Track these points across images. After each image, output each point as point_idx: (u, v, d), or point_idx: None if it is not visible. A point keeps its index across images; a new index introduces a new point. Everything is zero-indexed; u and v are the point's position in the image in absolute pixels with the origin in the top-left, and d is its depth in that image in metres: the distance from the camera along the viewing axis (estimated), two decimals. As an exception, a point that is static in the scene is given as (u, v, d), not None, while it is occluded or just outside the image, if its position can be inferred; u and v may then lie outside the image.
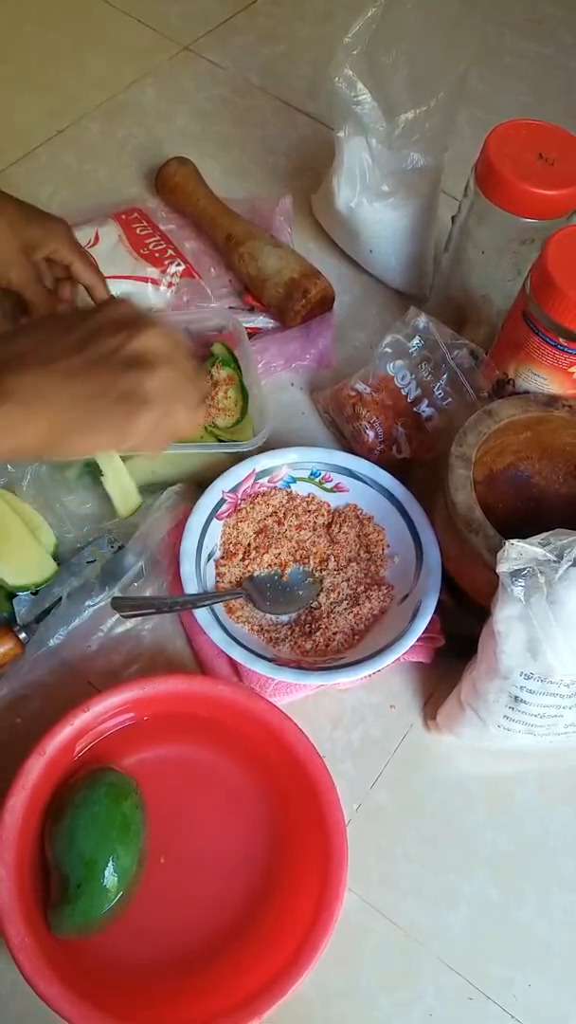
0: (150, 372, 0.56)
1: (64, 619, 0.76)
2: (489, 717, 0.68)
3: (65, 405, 0.53)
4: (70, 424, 0.54)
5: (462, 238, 0.88)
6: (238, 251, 0.96)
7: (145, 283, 0.95)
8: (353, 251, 1.03)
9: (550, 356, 0.75)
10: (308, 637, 0.78)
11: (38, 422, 0.53)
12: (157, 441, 0.58)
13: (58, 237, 0.79)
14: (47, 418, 0.53)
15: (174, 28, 1.27)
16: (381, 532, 0.82)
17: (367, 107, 0.86)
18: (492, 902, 0.71)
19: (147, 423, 0.56)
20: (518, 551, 0.61)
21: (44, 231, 0.78)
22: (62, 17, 1.26)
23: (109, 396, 0.54)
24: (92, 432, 0.55)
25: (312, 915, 0.64)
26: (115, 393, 0.55)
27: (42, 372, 0.53)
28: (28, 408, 0.52)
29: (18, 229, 0.77)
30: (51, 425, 0.53)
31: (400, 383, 0.85)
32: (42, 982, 0.60)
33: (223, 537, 0.81)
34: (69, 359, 0.54)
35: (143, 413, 0.55)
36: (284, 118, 1.18)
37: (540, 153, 0.80)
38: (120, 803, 0.65)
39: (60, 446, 0.54)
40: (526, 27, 1.34)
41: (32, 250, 0.78)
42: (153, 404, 0.56)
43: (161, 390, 0.56)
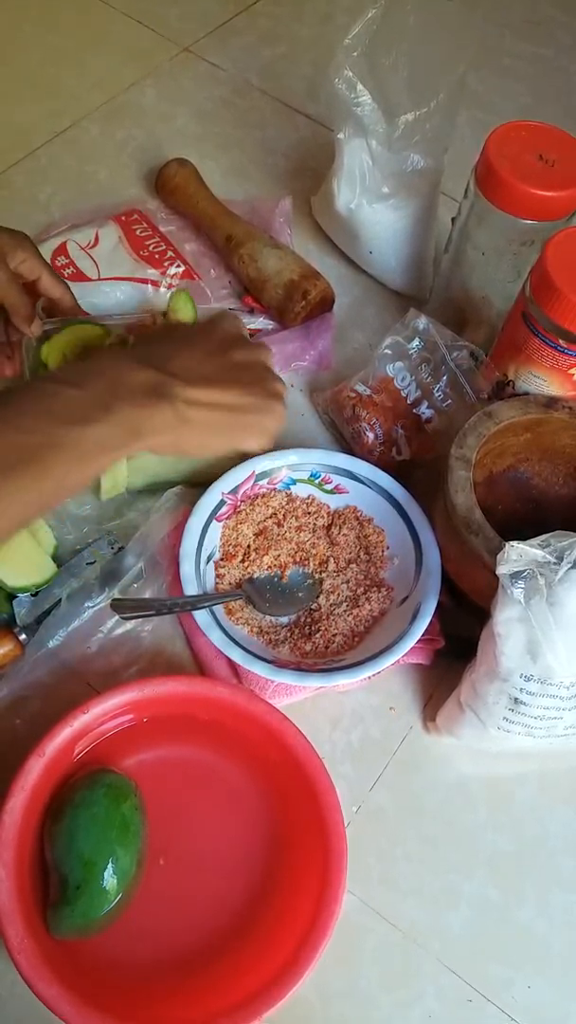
0: (276, 378, 0.66)
1: (64, 620, 0.76)
2: (489, 719, 0.68)
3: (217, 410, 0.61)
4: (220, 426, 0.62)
5: (462, 239, 0.88)
6: (238, 252, 0.96)
7: (145, 284, 0.95)
8: (353, 252, 1.03)
9: (550, 358, 0.75)
10: (308, 639, 0.78)
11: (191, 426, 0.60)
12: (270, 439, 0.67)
13: (26, 247, 0.79)
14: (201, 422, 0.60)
15: (174, 29, 1.27)
16: (381, 534, 0.82)
17: (367, 108, 0.86)
18: (492, 903, 0.71)
19: (279, 417, 0.65)
20: (518, 553, 0.61)
21: (12, 239, 0.78)
22: (62, 18, 1.26)
23: (255, 397, 0.63)
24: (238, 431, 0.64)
25: (311, 916, 0.64)
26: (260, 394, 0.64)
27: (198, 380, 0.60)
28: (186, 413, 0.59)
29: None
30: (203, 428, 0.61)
31: (400, 384, 0.85)
32: (41, 983, 0.60)
33: (223, 539, 0.81)
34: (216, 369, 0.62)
35: (279, 408, 0.65)
36: (284, 119, 1.18)
37: (540, 154, 0.80)
38: (119, 804, 0.65)
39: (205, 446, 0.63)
40: (525, 29, 1.34)
41: (3, 257, 0.77)
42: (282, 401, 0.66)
43: (284, 391, 0.66)
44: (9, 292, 0.78)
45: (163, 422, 0.58)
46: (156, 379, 0.58)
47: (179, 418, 0.59)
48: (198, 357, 0.62)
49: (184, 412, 0.59)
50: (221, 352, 0.64)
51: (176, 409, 0.58)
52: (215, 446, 0.64)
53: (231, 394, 0.62)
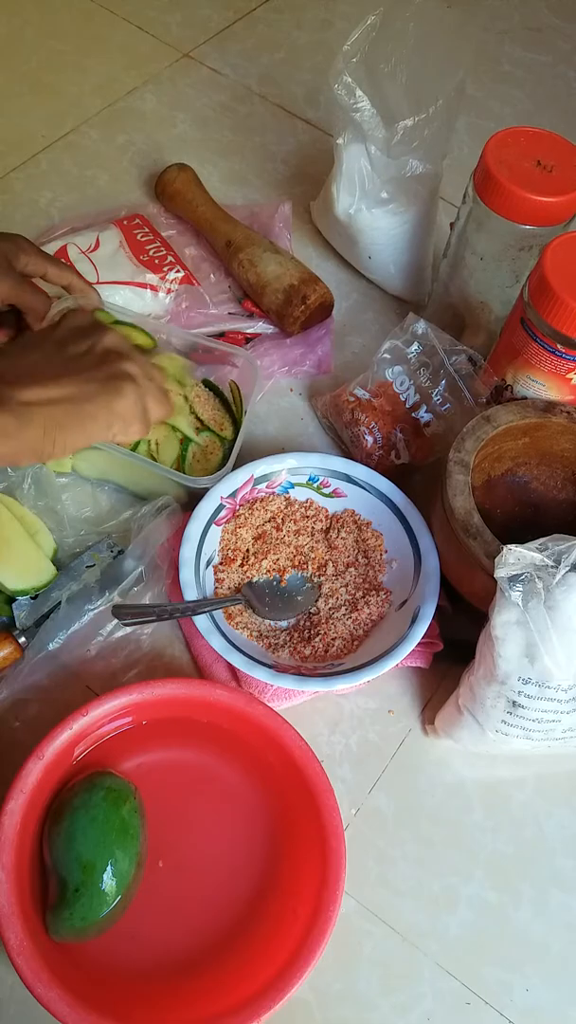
0: (123, 359, 0.63)
1: (63, 623, 0.76)
2: (487, 722, 0.69)
3: (58, 404, 0.59)
4: (66, 418, 0.60)
5: (460, 245, 0.88)
6: (237, 257, 0.97)
7: (144, 289, 0.96)
8: (352, 257, 1.03)
9: (548, 362, 0.75)
10: (307, 643, 0.78)
11: (33, 426, 0.58)
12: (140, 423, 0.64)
13: (26, 247, 0.79)
14: (41, 420, 0.58)
15: (174, 35, 1.27)
16: (379, 537, 0.83)
17: (366, 114, 0.87)
18: (490, 905, 0.71)
19: (131, 399, 0.63)
20: (516, 556, 0.61)
21: (12, 243, 0.78)
22: (63, 24, 1.27)
23: (93, 383, 0.61)
24: (87, 420, 0.61)
25: (310, 918, 0.64)
26: (99, 379, 0.61)
27: (31, 380, 0.59)
28: (22, 414, 0.58)
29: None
30: (49, 424, 0.59)
31: (399, 389, 0.86)
32: (40, 985, 0.60)
33: (222, 543, 0.81)
34: (50, 365, 0.61)
35: (126, 391, 0.62)
36: (283, 125, 1.19)
37: (538, 160, 0.81)
38: (119, 807, 0.65)
39: (61, 442, 0.60)
40: (524, 35, 1.35)
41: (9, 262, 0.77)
42: (133, 381, 0.63)
43: (136, 371, 0.64)
44: (23, 294, 0.78)
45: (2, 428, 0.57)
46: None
47: (18, 421, 0.57)
48: (34, 358, 0.61)
49: (22, 414, 0.57)
50: (59, 347, 0.63)
51: (13, 413, 0.57)
52: (70, 441, 0.60)
53: (66, 386, 0.60)
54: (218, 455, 0.85)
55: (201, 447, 0.85)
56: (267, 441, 0.92)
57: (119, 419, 0.62)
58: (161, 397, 0.66)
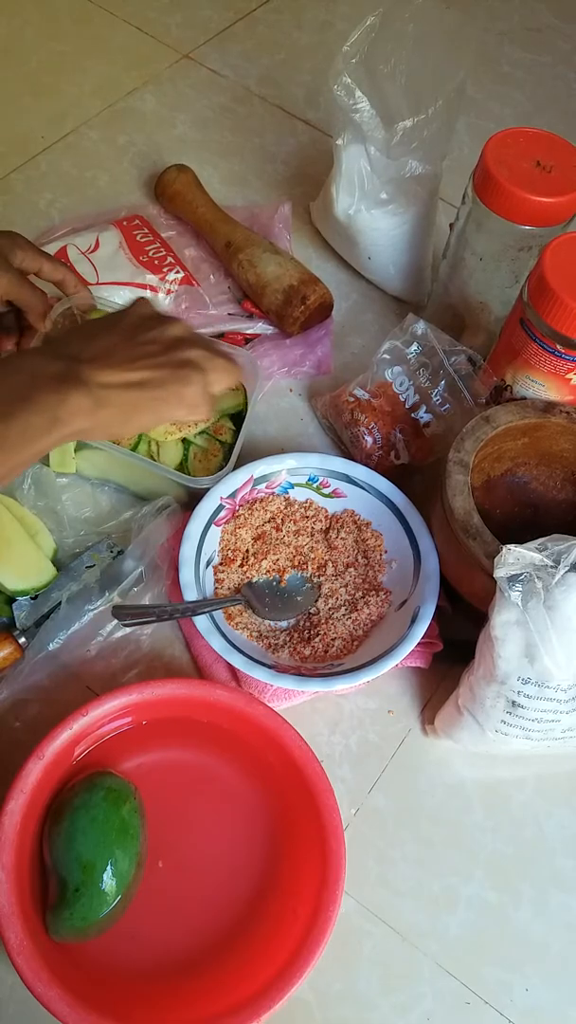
0: (191, 346, 0.66)
1: (63, 624, 0.76)
2: (487, 722, 0.69)
3: (132, 388, 0.62)
4: (138, 403, 0.63)
5: (460, 245, 0.88)
6: (237, 258, 0.97)
7: (144, 290, 0.96)
8: (351, 258, 1.03)
9: (547, 363, 0.75)
10: (307, 643, 0.78)
11: (110, 407, 0.61)
12: (205, 405, 0.67)
13: (21, 243, 0.79)
14: (118, 402, 0.61)
15: (174, 36, 1.27)
16: (379, 537, 0.83)
17: (366, 115, 0.87)
18: (490, 905, 0.71)
19: (198, 385, 0.65)
20: (515, 556, 0.61)
21: (7, 239, 0.79)
22: (63, 25, 1.27)
23: (164, 370, 0.64)
24: (158, 404, 0.64)
25: (310, 918, 0.65)
26: (169, 367, 0.64)
27: (108, 363, 0.62)
28: (101, 395, 0.60)
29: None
30: (124, 406, 0.62)
31: (398, 389, 0.86)
32: (40, 985, 0.60)
33: (221, 543, 0.82)
34: (125, 350, 0.64)
35: (194, 376, 0.65)
36: (283, 126, 1.19)
37: (537, 161, 0.81)
38: (118, 807, 0.65)
39: (133, 422, 0.63)
40: (524, 36, 1.35)
41: (5, 258, 0.78)
42: (200, 368, 0.66)
43: (202, 357, 0.66)
44: (21, 291, 0.78)
45: (79, 407, 0.59)
46: (68, 368, 0.60)
47: (96, 402, 0.60)
48: (108, 343, 0.64)
49: (99, 395, 0.60)
50: (130, 334, 0.65)
51: (91, 393, 0.60)
52: (140, 423, 0.64)
53: (140, 371, 0.63)
54: (219, 456, 0.86)
55: (202, 448, 0.85)
56: (267, 441, 0.92)
57: (187, 403, 0.66)
58: (226, 371, 0.68)
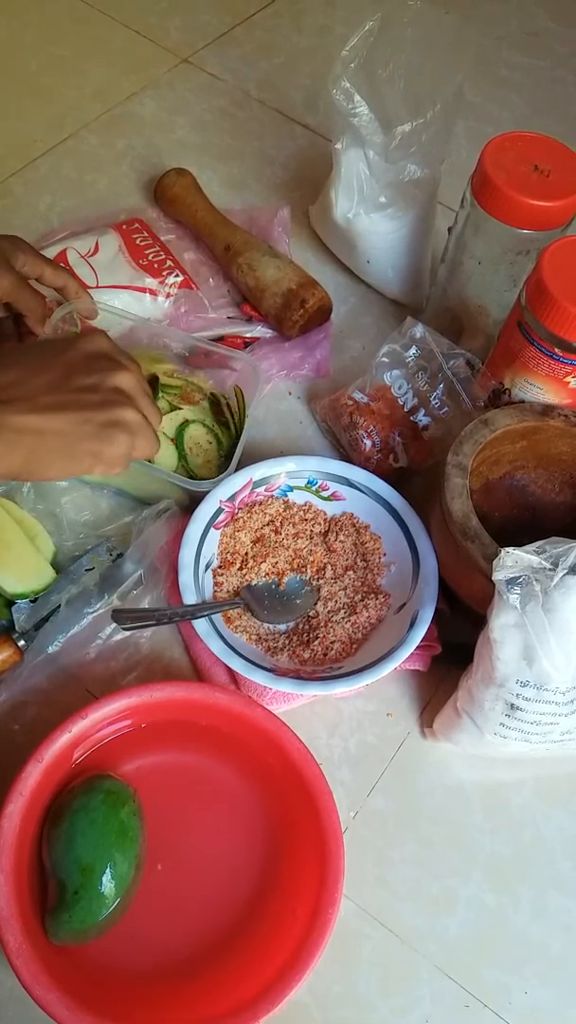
0: (125, 406, 0.61)
1: (63, 626, 0.76)
2: (485, 724, 0.69)
3: (48, 436, 0.58)
4: (50, 453, 0.59)
5: (458, 249, 0.88)
6: (236, 261, 0.97)
7: (143, 293, 0.96)
8: (350, 261, 1.03)
9: (545, 366, 0.76)
10: (306, 646, 0.78)
11: (19, 451, 0.57)
12: (122, 467, 0.63)
13: (23, 247, 0.80)
14: (28, 448, 0.57)
15: (173, 40, 1.28)
16: (378, 540, 0.83)
17: (364, 119, 0.87)
18: (489, 908, 0.71)
19: (121, 450, 0.61)
20: (514, 559, 0.61)
21: (9, 243, 0.79)
22: (63, 29, 1.27)
23: (90, 425, 0.59)
24: (70, 459, 0.60)
25: (309, 921, 0.65)
26: (96, 423, 0.60)
27: (27, 407, 0.58)
28: (12, 440, 0.57)
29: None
30: (31, 454, 0.58)
31: (397, 392, 0.86)
32: (39, 988, 0.60)
33: (220, 546, 0.82)
34: (53, 395, 0.59)
35: (119, 441, 0.61)
36: (282, 130, 1.19)
37: (536, 165, 0.81)
38: (118, 810, 0.65)
39: (37, 472, 0.59)
40: (522, 40, 1.35)
41: (7, 261, 0.78)
42: (127, 433, 0.62)
43: (136, 423, 0.62)
44: (22, 295, 0.78)
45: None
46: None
47: (3, 445, 0.56)
48: (40, 381, 0.59)
49: (8, 439, 0.56)
50: (66, 374, 0.60)
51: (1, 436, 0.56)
52: (48, 474, 0.60)
53: (64, 421, 0.58)
54: (217, 459, 0.86)
55: (203, 448, 0.85)
56: (266, 444, 0.92)
57: (104, 463, 0.62)
58: (151, 441, 0.64)
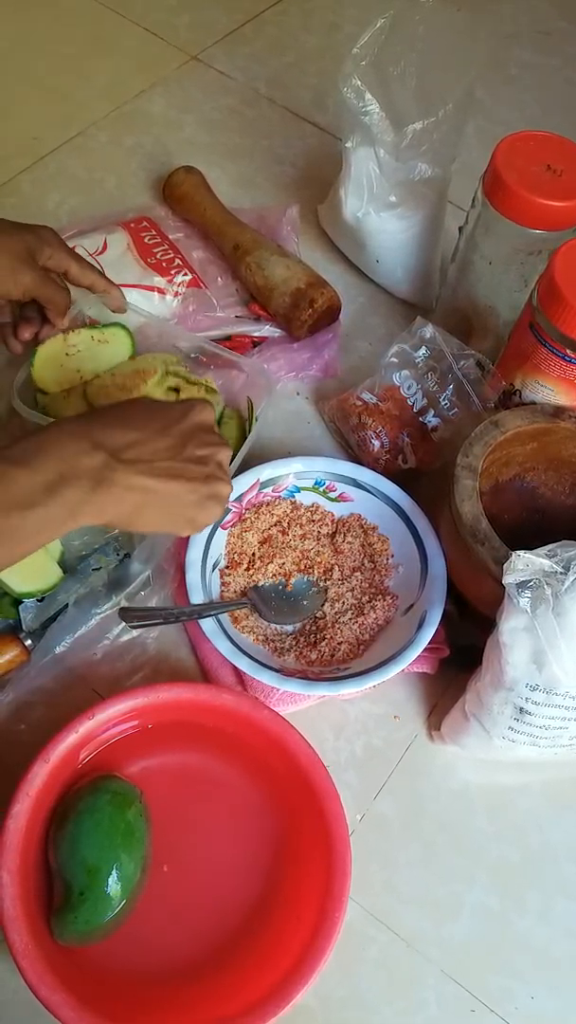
0: (224, 483, 0.65)
1: (70, 627, 0.76)
2: (493, 728, 0.68)
3: (156, 498, 0.61)
4: (154, 512, 0.62)
5: (469, 249, 0.88)
6: (245, 260, 0.97)
7: (151, 292, 0.96)
8: (359, 261, 1.03)
9: (557, 367, 0.75)
10: (313, 647, 0.78)
11: (126, 507, 0.60)
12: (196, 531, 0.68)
13: (51, 241, 0.79)
14: (135, 504, 0.60)
15: (182, 38, 1.27)
16: (386, 542, 0.82)
17: (375, 117, 0.87)
18: (495, 912, 0.71)
19: (211, 520, 0.66)
20: (525, 562, 0.61)
21: (37, 237, 0.79)
22: (72, 27, 1.27)
23: (195, 495, 0.63)
24: (168, 520, 0.63)
25: (315, 923, 0.64)
26: (200, 494, 0.63)
27: (145, 469, 0.60)
28: (123, 496, 0.59)
29: (15, 235, 0.77)
30: (135, 510, 0.60)
31: (406, 393, 0.85)
32: (44, 988, 0.60)
33: (228, 547, 0.81)
34: (169, 461, 0.62)
35: (213, 513, 0.65)
36: (291, 128, 1.19)
37: (548, 164, 0.81)
38: (124, 811, 0.65)
39: (135, 525, 0.62)
40: (533, 39, 1.34)
41: (33, 255, 0.78)
42: (220, 506, 0.66)
43: (226, 495, 0.66)
44: (45, 289, 0.78)
45: (102, 506, 0.58)
46: (105, 466, 0.58)
47: (115, 500, 0.58)
48: (159, 446, 0.62)
49: (120, 495, 0.59)
50: (181, 444, 0.63)
51: (113, 495, 0.58)
52: (140, 527, 0.63)
53: (174, 487, 0.62)
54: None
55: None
56: (273, 445, 0.92)
57: (191, 527, 0.65)
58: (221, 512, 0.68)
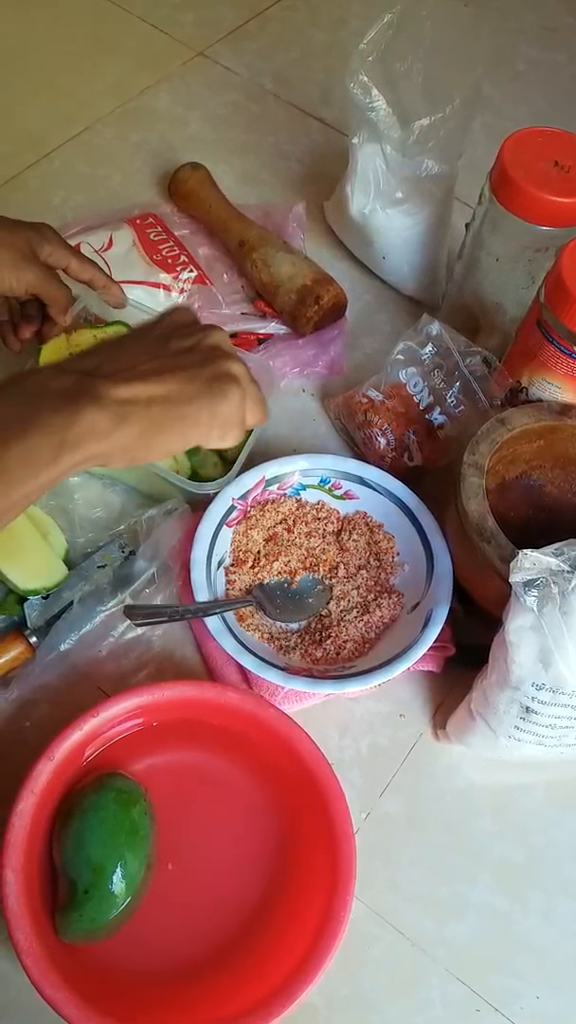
0: (228, 359, 0.58)
1: (75, 624, 0.76)
2: (499, 727, 0.68)
3: (156, 404, 0.55)
4: (162, 421, 0.55)
5: (476, 245, 0.87)
6: (251, 257, 0.96)
7: (157, 288, 0.95)
8: (366, 258, 1.02)
9: (564, 365, 0.75)
10: (318, 645, 0.77)
11: (132, 426, 0.53)
12: (239, 428, 0.59)
13: (50, 237, 0.79)
14: (138, 420, 0.54)
15: (188, 34, 1.27)
16: (391, 540, 0.82)
17: (382, 113, 0.86)
18: (499, 911, 0.71)
19: (234, 404, 0.58)
20: (532, 561, 0.61)
21: (37, 232, 0.78)
22: (77, 22, 1.27)
23: (197, 382, 0.56)
24: (184, 423, 0.56)
25: (320, 922, 0.64)
26: (203, 379, 0.56)
27: (127, 376, 0.54)
28: (121, 413, 0.53)
29: (16, 231, 0.77)
30: (142, 426, 0.54)
31: (412, 390, 0.85)
32: (48, 986, 0.59)
33: (233, 544, 0.81)
34: (153, 360, 0.56)
35: (231, 394, 0.57)
36: (297, 124, 1.18)
37: (555, 161, 0.80)
38: (128, 809, 0.65)
39: (156, 444, 0.55)
40: (540, 35, 1.34)
41: (33, 251, 0.78)
42: (238, 383, 0.58)
43: (241, 372, 0.59)
44: (46, 285, 0.78)
45: (92, 426, 0.52)
46: (80, 382, 0.53)
47: (113, 419, 0.52)
48: (133, 352, 0.56)
49: (117, 412, 0.53)
50: (161, 342, 0.58)
51: (107, 410, 0.52)
52: (166, 445, 0.56)
53: (170, 383, 0.55)
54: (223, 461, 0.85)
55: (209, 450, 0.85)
56: (279, 442, 0.91)
57: (220, 423, 0.58)
58: (260, 402, 0.61)
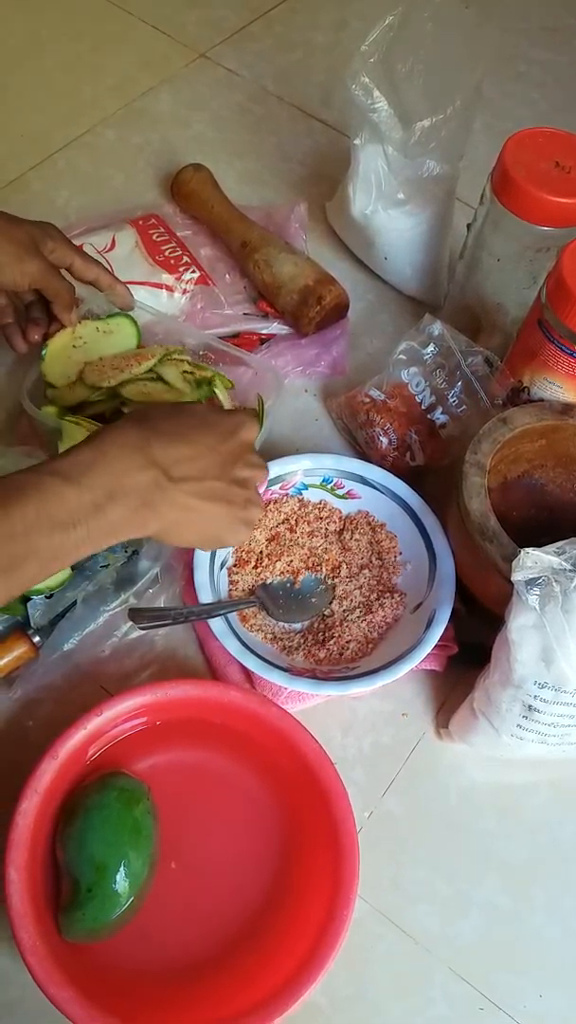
0: (259, 507, 0.66)
1: (78, 624, 0.76)
2: (502, 726, 0.68)
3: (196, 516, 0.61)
4: (191, 529, 0.62)
5: (477, 246, 0.88)
6: (253, 258, 0.97)
7: (160, 289, 0.96)
8: (368, 258, 1.03)
9: (565, 364, 0.75)
10: (322, 645, 0.77)
11: (166, 522, 0.59)
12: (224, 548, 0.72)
13: (54, 235, 0.80)
14: (175, 521, 0.59)
15: (191, 35, 1.27)
16: (393, 539, 0.82)
17: (383, 114, 0.86)
18: (503, 910, 0.71)
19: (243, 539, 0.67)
20: (533, 560, 0.61)
21: (41, 230, 0.79)
22: (79, 24, 1.27)
23: (231, 519, 0.63)
24: (202, 538, 0.64)
25: (323, 922, 0.64)
26: (237, 518, 0.64)
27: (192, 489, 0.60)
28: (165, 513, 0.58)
29: (20, 226, 0.77)
30: (173, 526, 0.60)
31: (414, 390, 0.85)
32: (52, 985, 0.60)
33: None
34: (217, 481, 0.62)
35: (243, 536, 0.66)
36: (299, 125, 1.18)
37: (556, 161, 0.80)
38: (131, 808, 0.65)
39: (169, 539, 0.61)
40: (542, 35, 1.34)
41: (37, 247, 0.78)
42: (251, 530, 0.66)
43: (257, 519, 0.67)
44: (50, 281, 0.78)
45: (143, 522, 0.57)
46: (156, 484, 0.57)
47: (157, 516, 0.58)
48: (204, 463, 0.61)
49: (164, 512, 0.58)
50: (229, 463, 0.63)
51: (158, 511, 0.58)
52: (177, 543, 0.65)
53: (216, 509, 0.62)
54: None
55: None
56: (281, 442, 0.91)
57: (215, 545, 0.68)
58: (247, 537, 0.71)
